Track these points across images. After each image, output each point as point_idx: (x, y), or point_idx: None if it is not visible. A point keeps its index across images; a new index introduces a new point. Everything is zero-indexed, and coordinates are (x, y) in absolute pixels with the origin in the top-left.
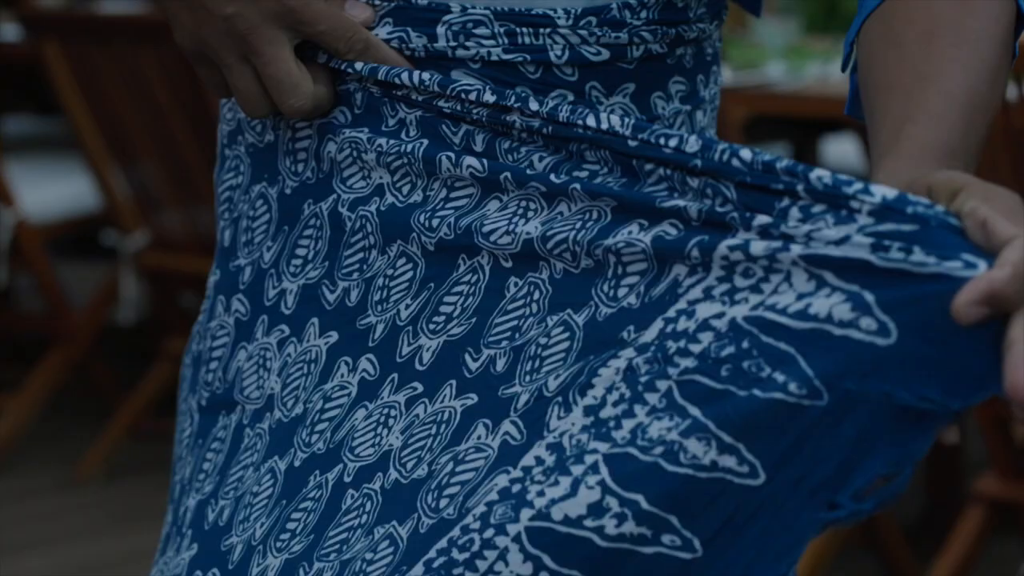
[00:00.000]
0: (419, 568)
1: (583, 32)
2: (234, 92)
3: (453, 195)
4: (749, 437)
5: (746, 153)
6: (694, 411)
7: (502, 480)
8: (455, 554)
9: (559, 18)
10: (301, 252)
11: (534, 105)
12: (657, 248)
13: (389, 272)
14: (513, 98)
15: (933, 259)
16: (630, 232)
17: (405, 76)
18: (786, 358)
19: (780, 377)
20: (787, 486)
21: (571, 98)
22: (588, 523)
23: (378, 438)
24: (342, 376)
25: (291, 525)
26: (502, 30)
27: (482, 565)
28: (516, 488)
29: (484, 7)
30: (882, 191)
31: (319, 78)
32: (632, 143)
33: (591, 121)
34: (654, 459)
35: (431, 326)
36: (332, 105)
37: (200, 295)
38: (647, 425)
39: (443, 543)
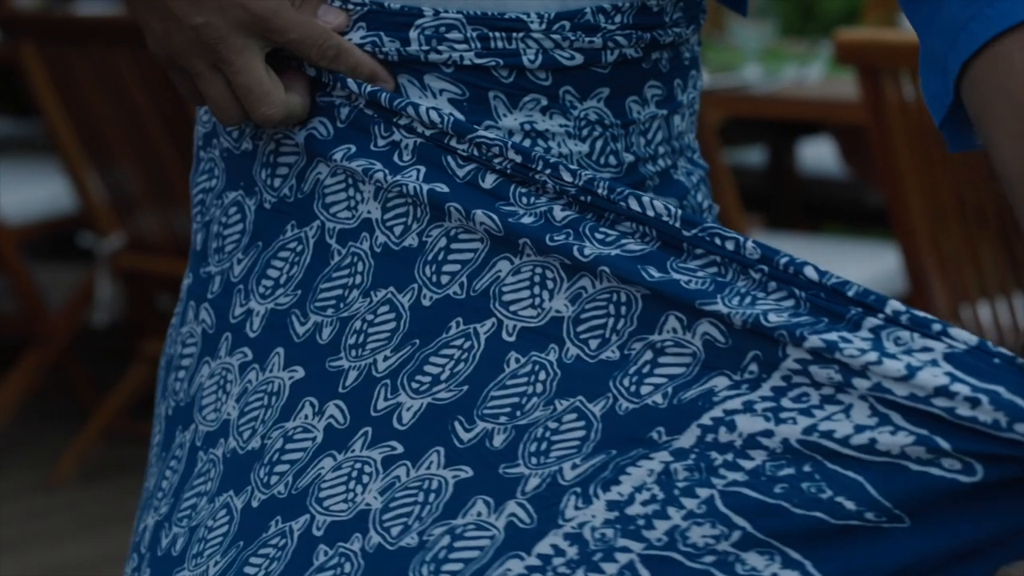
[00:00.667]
0: None
1: (556, 37)
2: (206, 100)
3: (455, 246)
4: (817, 556)
5: (811, 272)
6: (741, 522)
7: (515, 566)
8: None
9: (532, 22)
10: (273, 273)
11: (567, 176)
12: (709, 354)
13: (369, 318)
14: (541, 163)
15: (1004, 419)
16: (674, 331)
17: (412, 109)
18: (853, 485)
19: (850, 504)
20: None
21: (606, 178)
22: None
23: (351, 494)
24: (306, 417)
25: (249, 570)
26: (475, 34)
27: None
28: None
29: (457, 11)
30: (964, 336)
31: (295, 87)
32: (686, 233)
33: (634, 206)
34: (704, 567)
35: (414, 384)
36: (307, 114)
37: (176, 297)
38: (685, 529)
39: None
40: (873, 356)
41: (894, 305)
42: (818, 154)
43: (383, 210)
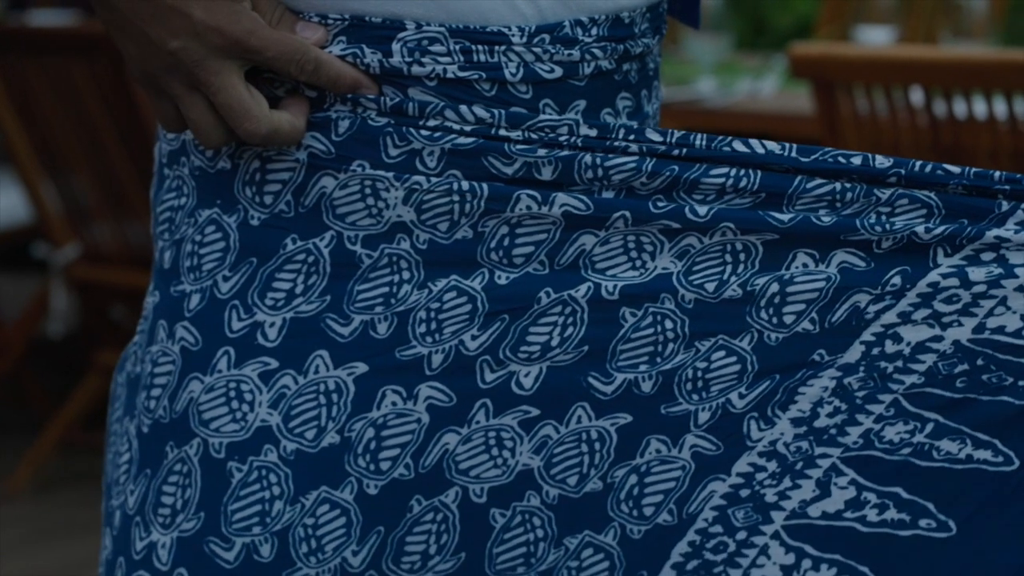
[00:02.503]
0: (668, 572)
1: (537, 50)
2: (188, 123)
3: (522, 231)
4: (1005, 434)
5: (949, 167)
6: (932, 416)
7: (719, 487)
8: (708, 555)
9: (513, 35)
10: (282, 286)
11: (656, 136)
12: (845, 278)
13: (434, 306)
14: (622, 131)
15: None
16: (804, 265)
17: (450, 112)
18: None
19: None
20: None
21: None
22: (848, 515)
23: (500, 459)
24: (394, 404)
25: (414, 547)
26: (457, 47)
27: (744, 562)
28: (744, 493)
29: (439, 24)
30: None
31: (289, 107)
32: (804, 160)
33: (741, 148)
34: (903, 458)
35: (521, 355)
36: (296, 128)
37: (131, 308)
38: (879, 431)
39: (684, 547)
40: None
41: None
42: None
43: (418, 212)
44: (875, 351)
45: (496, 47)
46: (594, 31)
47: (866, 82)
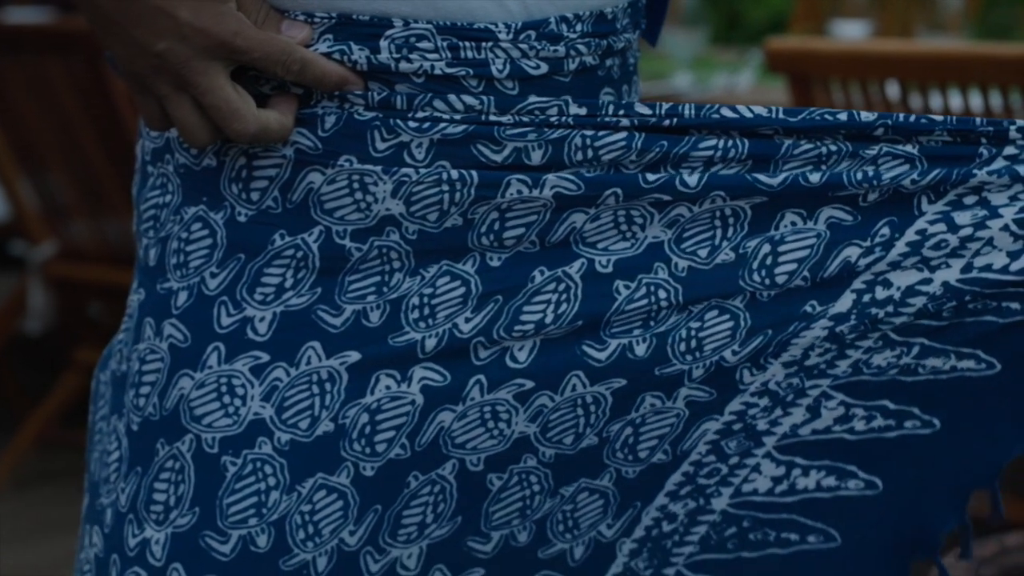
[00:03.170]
0: (661, 499)
1: (523, 46)
2: (175, 122)
3: (512, 215)
4: (988, 345)
5: (933, 116)
6: (919, 340)
7: (712, 425)
8: (702, 480)
9: (500, 32)
10: (271, 280)
11: (644, 109)
12: (834, 233)
13: (427, 291)
14: (611, 107)
15: None
16: (792, 224)
17: (439, 102)
18: (1015, 294)
19: (1015, 305)
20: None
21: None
22: (836, 429)
23: (496, 431)
24: (388, 388)
25: (411, 519)
26: (445, 44)
27: (735, 480)
28: (737, 426)
29: (427, 21)
30: None
31: (277, 105)
32: (792, 120)
33: (729, 113)
34: (890, 378)
35: (516, 333)
36: (284, 126)
37: (109, 305)
38: (867, 360)
39: (678, 477)
40: (1019, 188)
41: (1020, 123)
42: None
43: (407, 204)
44: (866, 298)
45: (483, 43)
46: (579, 27)
47: (842, 76)
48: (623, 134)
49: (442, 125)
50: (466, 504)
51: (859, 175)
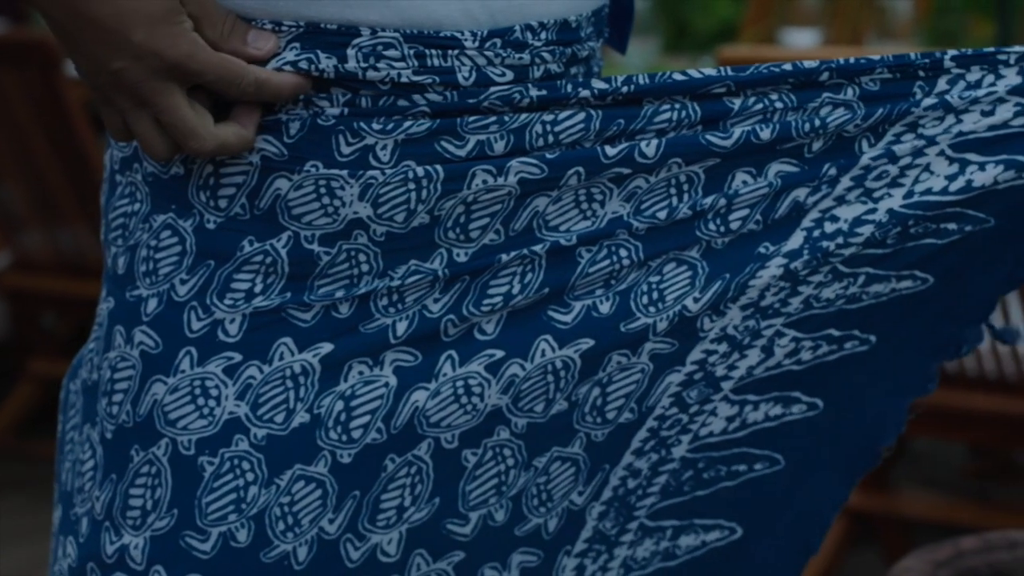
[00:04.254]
0: (627, 458)
1: (489, 54)
2: (135, 136)
3: (477, 207)
4: (924, 265)
5: (871, 57)
6: (864, 270)
7: (675, 377)
8: (664, 432)
9: (466, 40)
10: (241, 286)
11: (602, 84)
12: (785, 181)
13: (396, 284)
14: (569, 86)
15: None
16: (744, 182)
17: (404, 101)
18: (951, 214)
19: (952, 225)
20: (953, 293)
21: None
22: (785, 362)
23: (469, 406)
24: (361, 374)
25: (389, 503)
26: (411, 52)
27: (694, 427)
28: (698, 375)
29: (394, 30)
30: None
31: (239, 117)
32: (742, 75)
33: (680, 77)
34: (837, 308)
35: (484, 308)
36: (244, 139)
37: (63, 316)
38: (818, 294)
39: (643, 434)
40: (951, 119)
41: (951, 52)
42: None
43: (375, 206)
44: (816, 233)
45: (449, 51)
46: (543, 35)
47: None
48: (581, 116)
49: (407, 124)
50: (443, 484)
51: (806, 126)
